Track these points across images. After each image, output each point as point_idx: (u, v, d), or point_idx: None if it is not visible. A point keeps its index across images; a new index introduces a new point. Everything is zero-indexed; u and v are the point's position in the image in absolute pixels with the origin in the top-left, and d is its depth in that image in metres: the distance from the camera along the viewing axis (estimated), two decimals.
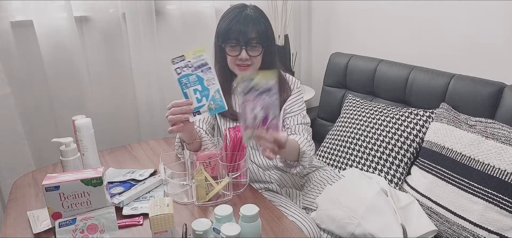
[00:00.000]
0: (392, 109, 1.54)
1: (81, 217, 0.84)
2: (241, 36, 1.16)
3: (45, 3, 1.50)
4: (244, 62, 1.18)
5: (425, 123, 1.44)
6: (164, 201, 0.86)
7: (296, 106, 1.28)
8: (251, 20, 1.17)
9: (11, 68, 1.52)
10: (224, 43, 1.20)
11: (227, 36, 1.18)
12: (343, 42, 2.09)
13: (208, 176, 1.06)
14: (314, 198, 1.29)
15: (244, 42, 1.16)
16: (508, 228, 1.13)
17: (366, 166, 1.47)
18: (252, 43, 1.17)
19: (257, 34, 1.17)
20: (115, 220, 0.85)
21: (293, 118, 1.26)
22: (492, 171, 1.16)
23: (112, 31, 1.70)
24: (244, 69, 1.20)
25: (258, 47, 1.18)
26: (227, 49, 1.20)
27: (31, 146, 1.59)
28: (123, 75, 1.78)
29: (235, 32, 1.16)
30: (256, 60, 1.20)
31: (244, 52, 1.17)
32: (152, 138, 1.75)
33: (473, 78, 1.40)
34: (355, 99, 1.71)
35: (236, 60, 1.19)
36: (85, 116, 1.16)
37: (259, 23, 1.18)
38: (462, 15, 1.53)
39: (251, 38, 1.16)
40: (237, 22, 1.16)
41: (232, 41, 1.18)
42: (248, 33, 1.16)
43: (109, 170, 1.24)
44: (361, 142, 1.53)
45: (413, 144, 1.44)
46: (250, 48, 1.18)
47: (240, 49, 1.17)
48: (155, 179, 1.16)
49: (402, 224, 1.15)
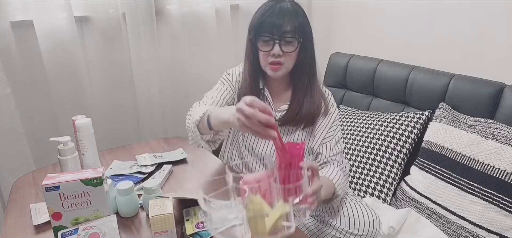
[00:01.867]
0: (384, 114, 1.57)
1: (83, 227, 0.83)
2: (275, 29, 1.05)
3: (45, 3, 1.50)
4: (277, 59, 1.08)
5: (416, 124, 1.46)
6: (164, 201, 0.86)
7: (334, 132, 1.17)
8: (287, 13, 1.06)
9: (11, 68, 1.51)
10: (256, 37, 1.09)
11: (260, 29, 1.07)
12: (343, 42, 2.09)
13: (265, 204, 0.77)
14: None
15: (278, 35, 1.06)
16: (507, 228, 1.13)
17: (360, 168, 1.48)
18: (286, 37, 1.06)
19: (293, 27, 1.06)
20: (116, 228, 0.85)
21: (330, 147, 1.15)
22: (492, 171, 1.16)
23: (112, 31, 1.70)
24: (276, 68, 1.10)
25: (293, 42, 1.07)
26: (259, 44, 1.10)
27: (31, 146, 1.59)
28: (123, 75, 1.78)
29: (269, 25, 1.05)
30: (289, 57, 1.09)
31: (277, 46, 1.06)
32: (152, 138, 1.75)
33: (473, 78, 1.40)
34: (347, 109, 1.73)
35: (268, 57, 1.09)
36: (85, 116, 1.16)
37: (296, 16, 1.07)
38: (462, 15, 1.53)
39: (285, 31, 1.05)
40: (271, 14, 1.06)
41: (265, 35, 1.07)
42: (283, 26, 1.05)
43: (114, 162, 1.26)
44: (354, 146, 1.54)
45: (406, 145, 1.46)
46: (284, 43, 1.07)
47: (273, 44, 1.07)
48: (164, 171, 1.17)
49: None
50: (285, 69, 1.11)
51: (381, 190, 1.43)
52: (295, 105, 1.15)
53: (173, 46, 1.84)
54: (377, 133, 1.52)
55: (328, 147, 1.16)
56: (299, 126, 1.18)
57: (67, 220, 0.86)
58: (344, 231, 1.14)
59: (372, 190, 1.44)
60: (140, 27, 1.70)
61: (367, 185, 1.45)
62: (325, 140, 1.17)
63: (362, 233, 1.13)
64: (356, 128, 1.59)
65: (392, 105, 1.65)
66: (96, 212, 0.88)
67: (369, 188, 1.44)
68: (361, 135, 1.55)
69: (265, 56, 1.10)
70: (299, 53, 1.11)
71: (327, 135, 1.17)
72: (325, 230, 1.18)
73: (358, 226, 1.14)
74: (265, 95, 1.19)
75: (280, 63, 1.09)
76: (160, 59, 1.80)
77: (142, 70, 1.77)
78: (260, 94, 1.18)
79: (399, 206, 1.40)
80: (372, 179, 1.45)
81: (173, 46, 1.84)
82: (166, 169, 1.19)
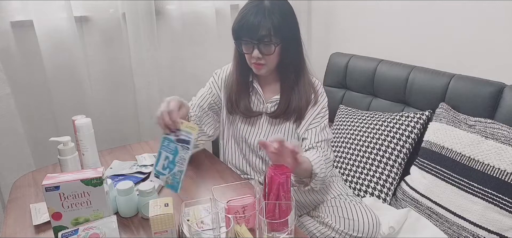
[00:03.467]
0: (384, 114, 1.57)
1: (83, 227, 0.83)
2: (252, 32, 1.04)
3: (45, 3, 1.50)
4: (257, 61, 1.08)
5: (416, 124, 1.46)
6: (164, 201, 0.86)
7: (321, 119, 1.18)
8: (265, 12, 1.03)
9: (11, 68, 1.51)
10: (237, 40, 1.10)
11: (239, 33, 1.07)
12: (343, 42, 2.09)
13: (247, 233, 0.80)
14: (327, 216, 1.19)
15: (255, 39, 1.05)
16: (507, 228, 1.13)
17: (360, 168, 1.48)
18: (264, 41, 1.05)
19: (269, 31, 1.03)
20: (116, 228, 0.85)
21: (315, 133, 1.16)
22: (492, 171, 1.16)
23: (112, 31, 1.70)
24: (259, 68, 1.11)
25: (271, 44, 1.05)
26: (241, 46, 1.10)
27: (31, 146, 1.59)
28: (123, 75, 1.78)
29: (246, 28, 1.04)
30: (270, 58, 1.08)
31: (256, 50, 1.06)
32: (152, 138, 1.75)
33: (473, 78, 1.40)
34: (347, 109, 1.73)
35: (250, 58, 1.10)
36: (85, 116, 1.16)
37: (273, 15, 1.03)
38: (462, 15, 1.53)
39: (262, 35, 1.04)
40: (248, 18, 1.04)
41: (244, 38, 1.07)
42: (260, 29, 1.03)
43: (114, 162, 1.26)
44: (354, 146, 1.54)
45: (406, 145, 1.45)
46: (262, 45, 1.06)
47: (252, 47, 1.07)
48: None
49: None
50: (268, 68, 1.13)
51: (381, 190, 1.43)
52: (284, 101, 1.17)
53: (173, 46, 1.84)
54: (377, 133, 1.52)
55: (314, 132, 1.16)
56: (290, 119, 1.20)
57: (67, 220, 0.86)
58: (344, 233, 1.14)
59: (372, 190, 1.44)
60: (140, 27, 1.70)
61: (367, 185, 1.45)
62: (311, 126, 1.17)
63: (361, 235, 1.13)
64: (356, 128, 1.59)
65: (392, 105, 1.65)
66: (96, 212, 0.88)
67: (369, 188, 1.44)
68: (361, 135, 1.55)
69: (248, 57, 1.12)
70: (280, 53, 1.10)
71: (314, 121, 1.18)
72: (325, 231, 1.18)
73: (357, 228, 1.14)
74: (255, 87, 1.22)
75: (261, 64, 1.10)
76: (160, 59, 1.80)
77: (142, 70, 1.77)
78: (249, 87, 1.21)
79: (399, 206, 1.40)
80: (372, 179, 1.45)
81: (173, 46, 1.84)
82: None
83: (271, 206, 0.84)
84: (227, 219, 0.81)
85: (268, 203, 0.83)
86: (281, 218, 0.80)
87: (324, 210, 1.21)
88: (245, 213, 0.85)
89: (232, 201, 0.87)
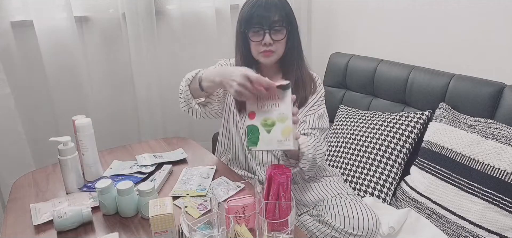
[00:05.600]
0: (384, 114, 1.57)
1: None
2: (264, 20, 1.13)
3: (45, 3, 1.50)
4: (268, 48, 1.16)
5: (416, 124, 1.46)
6: (164, 201, 0.86)
7: (318, 107, 1.25)
8: (273, 4, 1.15)
9: (11, 68, 1.51)
10: (247, 29, 1.17)
11: (250, 21, 1.15)
12: (343, 42, 2.09)
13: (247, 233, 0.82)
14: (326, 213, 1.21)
15: (267, 25, 1.14)
16: (507, 228, 1.13)
17: (361, 168, 1.48)
18: (275, 27, 1.14)
19: (280, 17, 1.14)
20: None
21: (313, 118, 1.22)
22: (492, 171, 1.16)
23: (112, 31, 1.70)
24: (268, 55, 1.17)
25: (282, 30, 1.16)
26: (250, 35, 1.17)
27: (31, 146, 1.59)
28: (123, 75, 1.78)
29: (258, 17, 1.14)
30: (280, 45, 1.17)
31: (268, 36, 1.14)
32: (152, 138, 1.75)
33: (473, 78, 1.40)
34: (347, 109, 1.73)
35: (259, 47, 1.17)
36: (85, 116, 1.16)
37: (282, 7, 1.16)
38: (462, 15, 1.53)
39: (274, 21, 1.14)
40: (259, 7, 1.14)
41: (255, 26, 1.15)
42: (271, 16, 1.13)
43: (114, 162, 1.26)
44: (354, 146, 1.54)
45: (406, 144, 1.45)
46: (273, 32, 1.15)
47: (263, 34, 1.15)
48: (164, 171, 1.17)
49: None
50: (276, 55, 1.18)
51: (381, 190, 1.43)
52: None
53: (173, 46, 1.84)
54: (377, 133, 1.52)
55: (311, 118, 1.22)
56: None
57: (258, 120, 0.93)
58: (344, 231, 1.14)
59: (372, 190, 1.44)
60: (140, 27, 1.70)
61: (367, 185, 1.45)
62: (309, 112, 1.23)
63: (361, 234, 1.14)
64: (356, 128, 1.59)
65: (392, 105, 1.65)
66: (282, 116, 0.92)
67: (369, 188, 1.44)
68: (361, 135, 1.55)
69: (257, 46, 1.17)
70: (287, 41, 1.19)
71: (312, 107, 1.24)
72: (325, 230, 1.18)
73: (357, 226, 1.14)
74: None
75: (271, 51, 1.16)
76: (160, 59, 1.80)
77: (142, 70, 1.77)
78: None
79: (399, 206, 1.40)
80: (372, 179, 1.45)
81: (173, 46, 1.84)
82: (166, 169, 1.19)
83: (271, 206, 0.84)
84: (227, 219, 0.81)
85: (268, 203, 0.84)
86: (281, 218, 0.81)
87: (324, 208, 1.21)
88: (245, 213, 0.86)
89: (232, 201, 0.88)
